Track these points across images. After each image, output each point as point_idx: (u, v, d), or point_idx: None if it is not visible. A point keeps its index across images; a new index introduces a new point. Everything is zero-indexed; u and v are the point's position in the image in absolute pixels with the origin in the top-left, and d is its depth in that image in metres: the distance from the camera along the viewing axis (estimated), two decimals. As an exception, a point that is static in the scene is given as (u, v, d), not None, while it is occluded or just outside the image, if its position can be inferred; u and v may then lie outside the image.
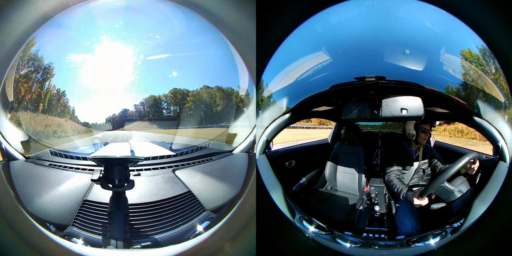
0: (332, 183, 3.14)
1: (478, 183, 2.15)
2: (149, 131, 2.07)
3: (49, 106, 1.88)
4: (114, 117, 1.97)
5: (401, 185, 2.26)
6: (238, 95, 2.08)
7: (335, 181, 3.12)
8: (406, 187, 2.23)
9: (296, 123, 2.86)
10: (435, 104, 2.13)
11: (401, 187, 2.25)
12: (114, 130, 1.98)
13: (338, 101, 2.37)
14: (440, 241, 1.72)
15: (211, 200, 1.98)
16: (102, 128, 1.97)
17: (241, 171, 2.02)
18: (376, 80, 1.80)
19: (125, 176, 1.73)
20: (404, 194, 2.19)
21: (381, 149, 3.07)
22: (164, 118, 2.08)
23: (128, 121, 2.01)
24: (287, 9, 1.71)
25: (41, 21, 1.65)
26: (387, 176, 2.41)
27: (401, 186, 2.25)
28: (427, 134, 2.39)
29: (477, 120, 1.95)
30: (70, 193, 1.82)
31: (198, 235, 1.76)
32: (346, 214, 2.58)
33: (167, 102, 2.04)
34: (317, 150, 3.41)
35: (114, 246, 1.58)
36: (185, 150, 2.13)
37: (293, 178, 2.92)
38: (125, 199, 1.72)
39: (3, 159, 1.79)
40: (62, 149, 1.97)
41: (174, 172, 2.05)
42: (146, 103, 2.01)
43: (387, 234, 2.12)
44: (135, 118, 2.02)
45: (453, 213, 1.97)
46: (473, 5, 1.59)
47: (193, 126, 2.12)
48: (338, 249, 1.73)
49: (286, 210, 1.80)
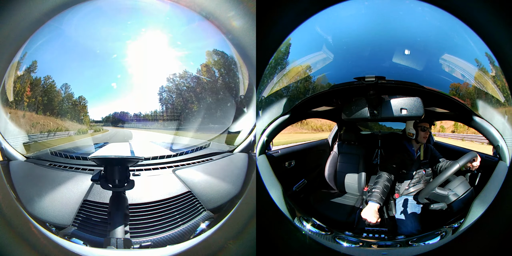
0: (332, 183, 3.15)
1: (478, 183, 2.16)
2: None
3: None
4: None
5: (376, 190, 2.20)
6: (238, 95, 2.08)
7: (335, 181, 3.12)
8: (377, 195, 2.17)
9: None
10: (435, 104, 2.14)
11: (374, 192, 2.19)
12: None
13: (338, 101, 2.37)
14: (440, 241, 1.72)
15: (211, 200, 1.98)
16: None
17: (241, 171, 2.02)
18: (376, 80, 1.80)
19: (125, 176, 1.73)
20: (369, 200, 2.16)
21: (381, 149, 3.08)
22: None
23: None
24: (287, 9, 1.71)
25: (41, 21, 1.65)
26: (379, 173, 2.38)
27: (375, 191, 2.19)
28: (427, 132, 2.38)
29: (477, 120, 1.95)
30: (70, 193, 1.82)
31: (198, 235, 1.76)
32: (346, 214, 2.58)
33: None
34: (317, 150, 3.41)
35: (114, 246, 1.57)
36: (185, 150, 2.13)
37: (293, 178, 2.92)
38: (125, 199, 1.72)
39: (3, 159, 1.79)
40: (62, 149, 1.97)
41: (174, 172, 2.05)
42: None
43: (387, 234, 2.12)
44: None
45: (453, 213, 1.98)
46: (473, 5, 1.59)
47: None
48: (338, 249, 1.73)
49: (286, 210, 1.80)
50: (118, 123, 2.02)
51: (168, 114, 2.08)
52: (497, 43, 1.59)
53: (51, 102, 1.89)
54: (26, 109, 1.86)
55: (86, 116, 1.94)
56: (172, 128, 2.08)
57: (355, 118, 2.03)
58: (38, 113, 1.89)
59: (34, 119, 1.89)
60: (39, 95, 1.86)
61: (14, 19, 1.56)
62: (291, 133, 3.24)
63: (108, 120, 2.00)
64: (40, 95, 1.86)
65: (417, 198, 2.22)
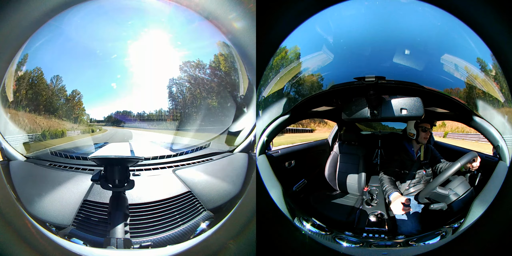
0: (332, 183, 3.15)
1: (478, 183, 2.15)
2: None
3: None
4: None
5: (389, 186, 2.23)
6: (238, 95, 2.08)
7: (335, 181, 3.12)
8: (394, 188, 2.19)
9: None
10: (435, 104, 2.13)
11: (389, 187, 2.21)
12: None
13: (338, 101, 2.37)
14: (440, 241, 1.72)
15: (211, 200, 1.98)
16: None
17: (241, 171, 2.02)
18: (376, 80, 1.80)
19: (125, 176, 1.73)
20: (389, 195, 2.15)
21: (381, 149, 3.08)
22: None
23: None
24: (287, 9, 1.71)
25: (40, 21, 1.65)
26: (380, 175, 2.39)
27: (389, 186, 2.22)
28: (428, 133, 2.38)
29: (477, 120, 1.95)
30: (70, 193, 1.82)
31: (198, 235, 1.77)
32: (346, 214, 2.58)
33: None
34: (317, 150, 3.41)
35: (114, 246, 1.57)
36: (185, 150, 2.13)
37: (293, 178, 2.91)
38: (125, 199, 1.72)
39: (3, 159, 1.79)
40: (62, 149, 1.97)
41: (174, 172, 2.05)
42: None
43: (387, 234, 2.12)
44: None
45: (453, 213, 1.97)
46: (473, 5, 1.59)
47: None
48: (338, 249, 1.73)
49: (286, 210, 1.80)
50: (118, 123, 2.02)
51: (168, 114, 2.08)
52: (497, 43, 1.59)
53: (50, 104, 1.89)
54: (26, 109, 1.86)
55: (83, 115, 1.94)
56: (173, 128, 2.08)
57: (355, 118, 2.03)
58: (40, 114, 1.89)
59: (34, 118, 1.89)
60: (39, 95, 1.86)
61: (14, 19, 1.57)
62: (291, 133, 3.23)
63: (108, 120, 2.00)
64: (39, 94, 1.86)
65: (417, 198, 2.22)
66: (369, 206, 2.59)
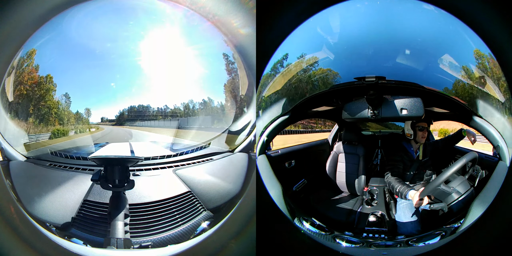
0: (332, 183, 3.14)
1: (478, 183, 2.15)
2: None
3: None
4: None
5: (402, 186, 2.22)
6: (238, 95, 2.08)
7: (335, 181, 3.12)
8: (407, 187, 2.20)
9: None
10: (435, 104, 2.13)
11: (403, 187, 2.20)
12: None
13: (338, 101, 2.37)
14: (440, 241, 1.72)
15: (211, 199, 1.98)
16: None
17: (241, 171, 2.02)
18: (376, 80, 1.81)
19: (125, 176, 1.73)
20: (406, 194, 2.14)
21: (381, 149, 3.08)
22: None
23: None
24: (287, 9, 1.71)
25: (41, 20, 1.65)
26: (386, 177, 2.39)
27: (402, 186, 2.21)
28: (425, 132, 2.37)
29: (477, 120, 1.95)
30: (70, 193, 1.82)
31: (198, 235, 1.77)
32: (346, 214, 2.58)
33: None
34: (317, 150, 3.41)
35: (114, 246, 1.57)
36: (185, 150, 2.13)
37: (293, 178, 2.91)
38: (125, 199, 1.72)
39: (3, 159, 1.79)
40: (62, 149, 1.96)
41: (175, 172, 2.05)
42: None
43: (387, 234, 2.12)
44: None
45: (453, 213, 1.97)
46: (473, 5, 1.59)
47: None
48: (338, 249, 1.73)
49: (286, 210, 1.80)
50: (117, 122, 2.02)
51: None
52: (497, 43, 1.59)
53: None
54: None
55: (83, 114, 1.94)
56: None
57: (355, 118, 2.03)
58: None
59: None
60: (39, 95, 1.86)
61: (15, 19, 1.57)
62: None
63: (108, 119, 2.00)
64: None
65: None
66: (369, 206, 2.60)
